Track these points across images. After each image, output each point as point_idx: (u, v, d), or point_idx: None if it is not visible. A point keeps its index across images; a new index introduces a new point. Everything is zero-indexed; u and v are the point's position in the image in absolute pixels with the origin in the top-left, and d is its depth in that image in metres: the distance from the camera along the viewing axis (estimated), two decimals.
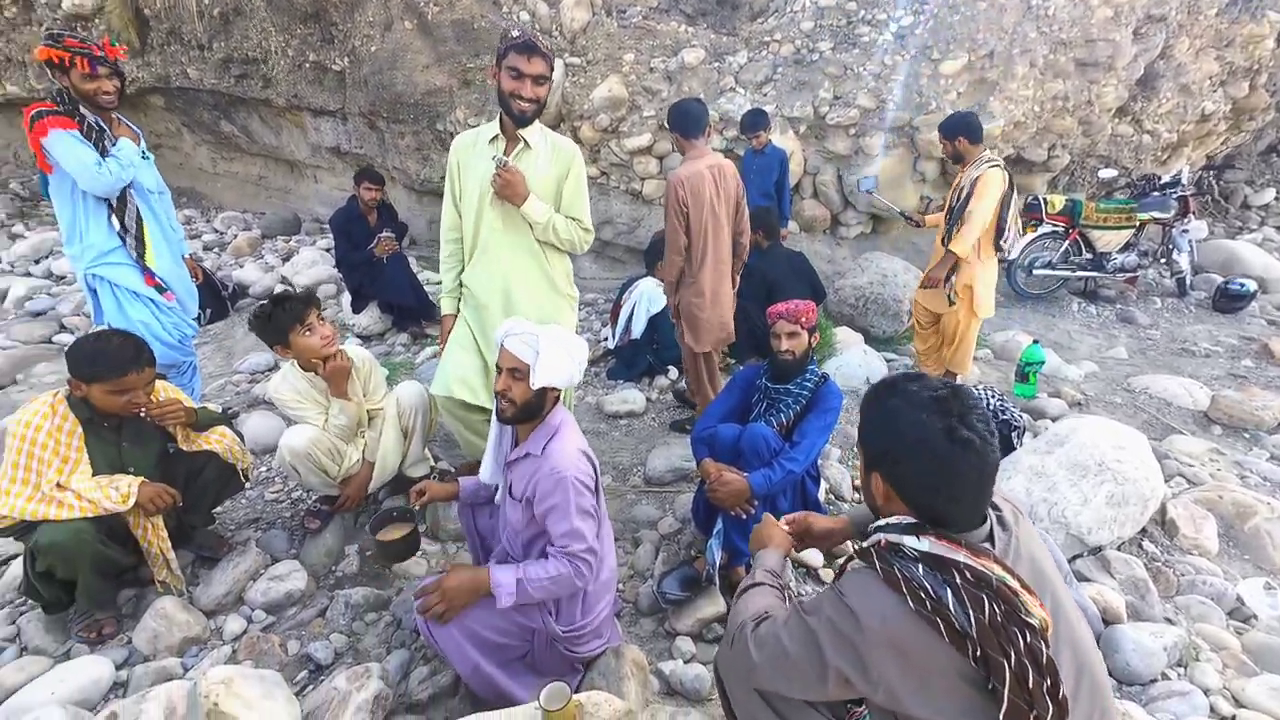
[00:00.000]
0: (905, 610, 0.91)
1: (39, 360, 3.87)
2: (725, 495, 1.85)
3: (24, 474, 1.69)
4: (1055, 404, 3.24)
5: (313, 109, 6.21)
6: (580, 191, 2.13)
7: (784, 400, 2.07)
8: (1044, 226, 4.67)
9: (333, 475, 2.20)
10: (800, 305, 2.03)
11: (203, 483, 2.04)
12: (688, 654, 1.85)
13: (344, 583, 2.15)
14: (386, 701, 1.57)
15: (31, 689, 1.60)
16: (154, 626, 1.83)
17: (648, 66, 4.84)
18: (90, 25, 6.16)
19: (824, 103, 4.64)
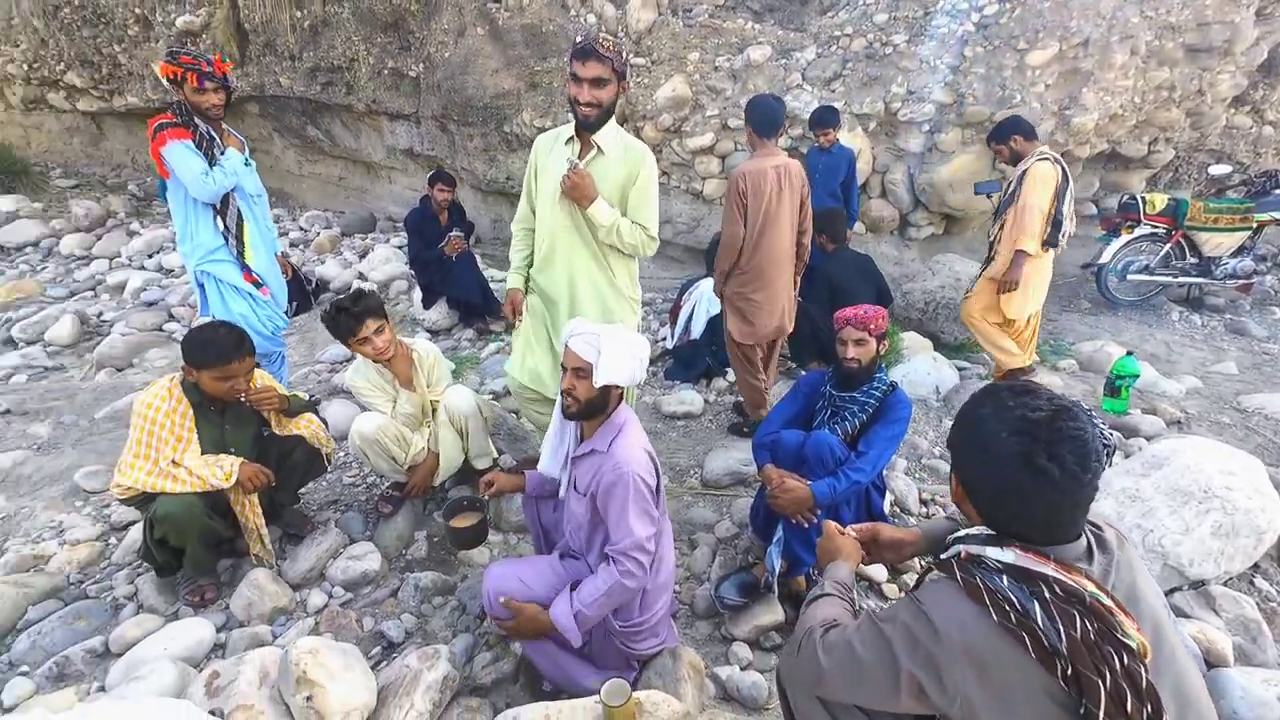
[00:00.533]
0: (987, 622, 0.87)
1: (151, 346, 4.28)
2: (787, 502, 1.82)
3: (145, 450, 1.88)
4: (1151, 422, 2.98)
5: (389, 113, 6.54)
6: (646, 197, 2.11)
7: (849, 408, 2.01)
8: (1142, 228, 4.30)
9: (400, 462, 2.32)
10: (870, 311, 1.97)
11: (291, 464, 2.20)
12: (744, 660, 1.83)
13: (413, 566, 2.27)
14: (453, 683, 1.64)
15: (147, 644, 1.79)
16: (248, 595, 1.99)
17: (712, 65, 4.80)
18: (199, 40, 6.73)
19: (896, 98, 4.46)
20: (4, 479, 2.68)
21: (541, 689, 1.74)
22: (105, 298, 5.13)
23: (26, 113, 8.28)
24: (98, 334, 4.49)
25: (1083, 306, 4.66)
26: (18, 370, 3.98)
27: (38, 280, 5.40)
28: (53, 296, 5.13)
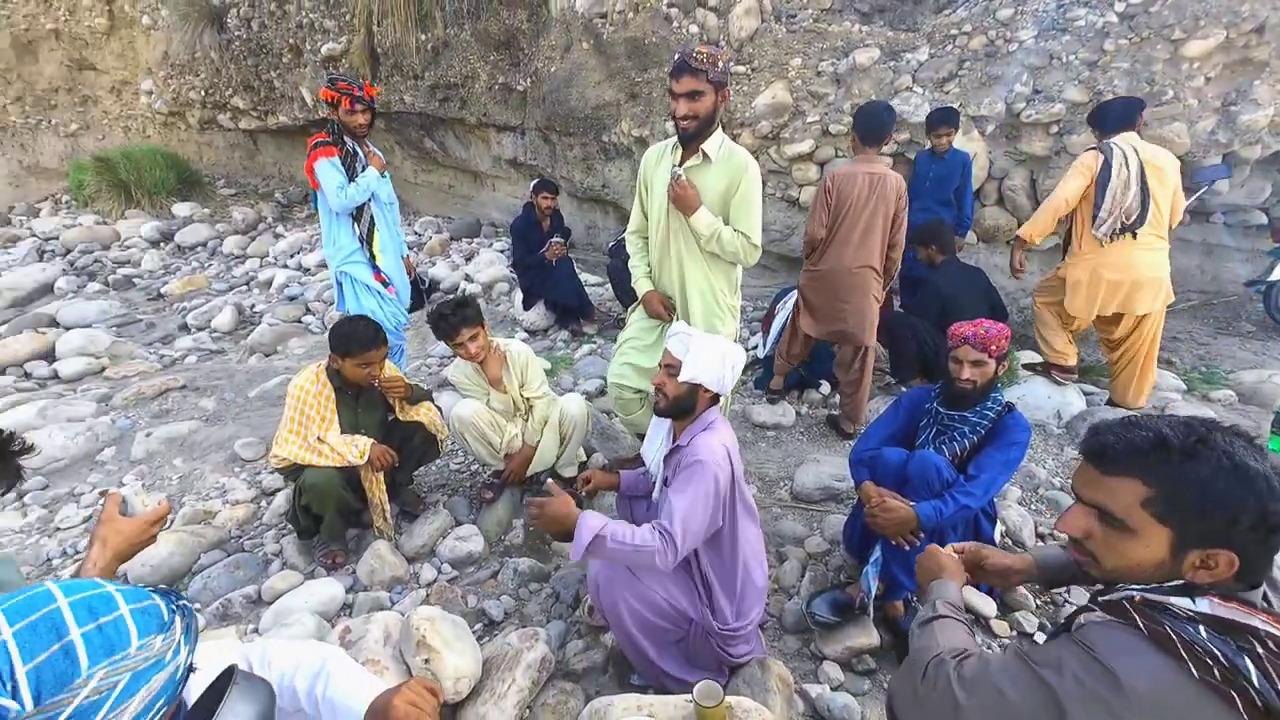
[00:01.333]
0: (1185, 678, 0.78)
1: (292, 336, 4.86)
2: (887, 523, 1.76)
3: (297, 427, 2.15)
4: None
5: (497, 125, 6.98)
6: (747, 206, 2.13)
7: (959, 428, 1.91)
8: None
9: (495, 448, 2.48)
10: (992, 330, 1.84)
11: (411, 448, 2.42)
12: (836, 681, 1.79)
13: (511, 551, 2.42)
14: (549, 665, 1.74)
15: (292, 596, 2.04)
16: (371, 563, 2.22)
17: (815, 70, 4.70)
18: (339, 64, 7.55)
19: (1019, 98, 4.13)
20: (183, 443, 3.16)
21: (630, 681, 1.80)
22: (256, 292, 5.88)
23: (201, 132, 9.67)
24: (251, 323, 5.16)
25: (1245, 330, 4.08)
26: (190, 352, 4.67)
27: (205, 275, 6.29)
28: (216, 289, 5.97)
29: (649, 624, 1.63)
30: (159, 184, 8.12)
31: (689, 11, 4.94)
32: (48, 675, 0.58)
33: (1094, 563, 0.93)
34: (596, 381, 3.63)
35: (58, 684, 0.58)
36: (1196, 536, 0.85)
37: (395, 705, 1.00)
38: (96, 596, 0.64)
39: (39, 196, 9.52)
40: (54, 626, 0.60)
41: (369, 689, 1.05)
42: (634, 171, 5.86)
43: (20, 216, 8.61)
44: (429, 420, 2.43)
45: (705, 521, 1.51)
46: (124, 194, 8.04)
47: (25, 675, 0.57)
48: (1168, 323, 4.29)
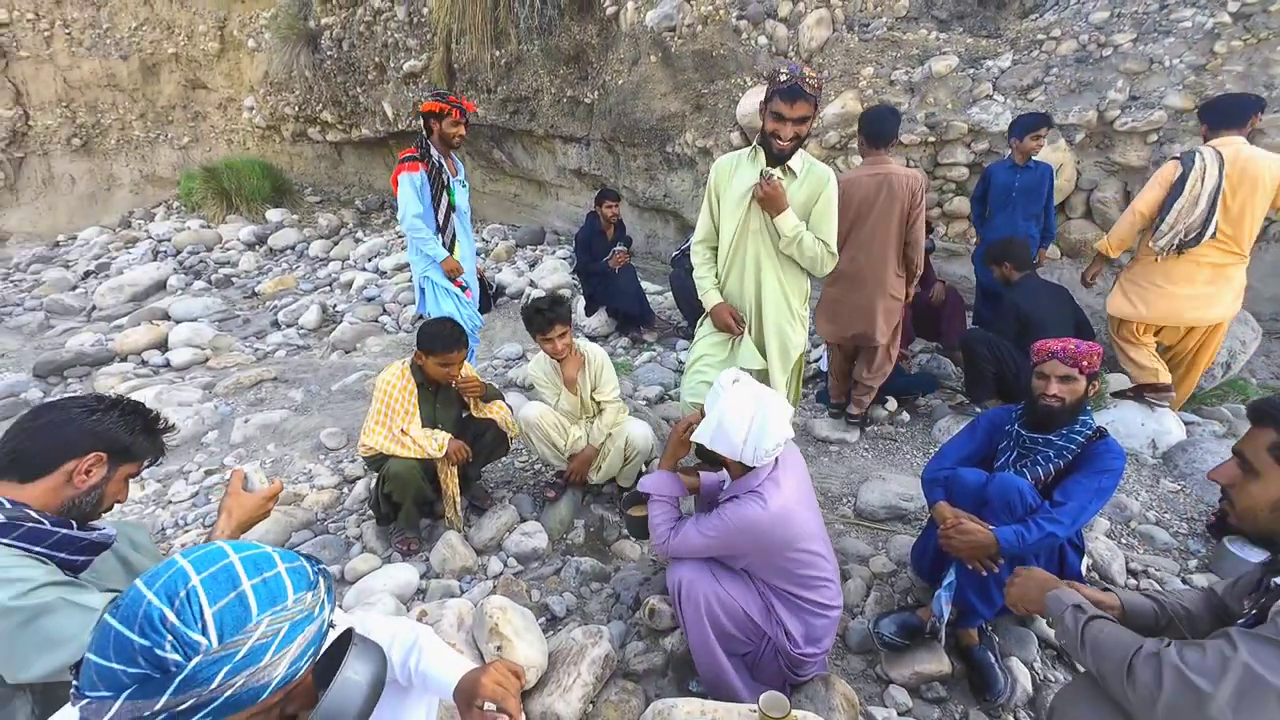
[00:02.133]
0: None
1: (370, 334, 5.17)
2: (963, 545, 1.69)
3: (383, 419, 2.30)
4: None
5: (564, 137, 7.20)
6: (829, 215, 2.22)
7: (1043, 452, 1.81)
8: None
9: (560, 449, 2.54)
10: (1082, 346, 1.76)
11: (483, 444, 2.53)
12: (903, 706, 1.73)
13: (573, 551, 2.48)
14: (612, 663, 1.78)
15: (372, 578, 2.18)
16: (443, 552, 2.33)
17: (887, 79, 4.60)
18: (418, 80, 8.01)
19: (1113, 105, 3.90)
20: (275, 430, 3.43)
21: (688, 687, 1.81)
22: (338, 292, 6.30)
23: (293, 144, 10.47)
24: (333, 321, 5.53)
25: None
26: (279, 347, 5.06)
27: (294, 276, 6.79)
28: (303, 289, 6.43)
29: (724, 630, 1.64)
30: (255, 191, 8.85)
31: (759, 23, 4.95)
32: (229, 618, 0.67)
33: (1230, 505, 1.10)
34: (656, 388, 3.68)
35: (236, 626, 0.67)
36: None
37: (483, 683, 1.06)
38: (260, 555, 0.73)
39: (155, 202, 10.58)
40: (230, 577, 0.69)
41: (458, 666, 1.12)
42: (696, 181, 5.90)
43: (139, 220, 9.59)
44: (500, 418, 2.54)
45: (704, 552, 1.62)
46: (225, 200, 8.81)
47: (212, 616, 0.66)
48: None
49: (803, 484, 1.66)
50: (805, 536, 1.59)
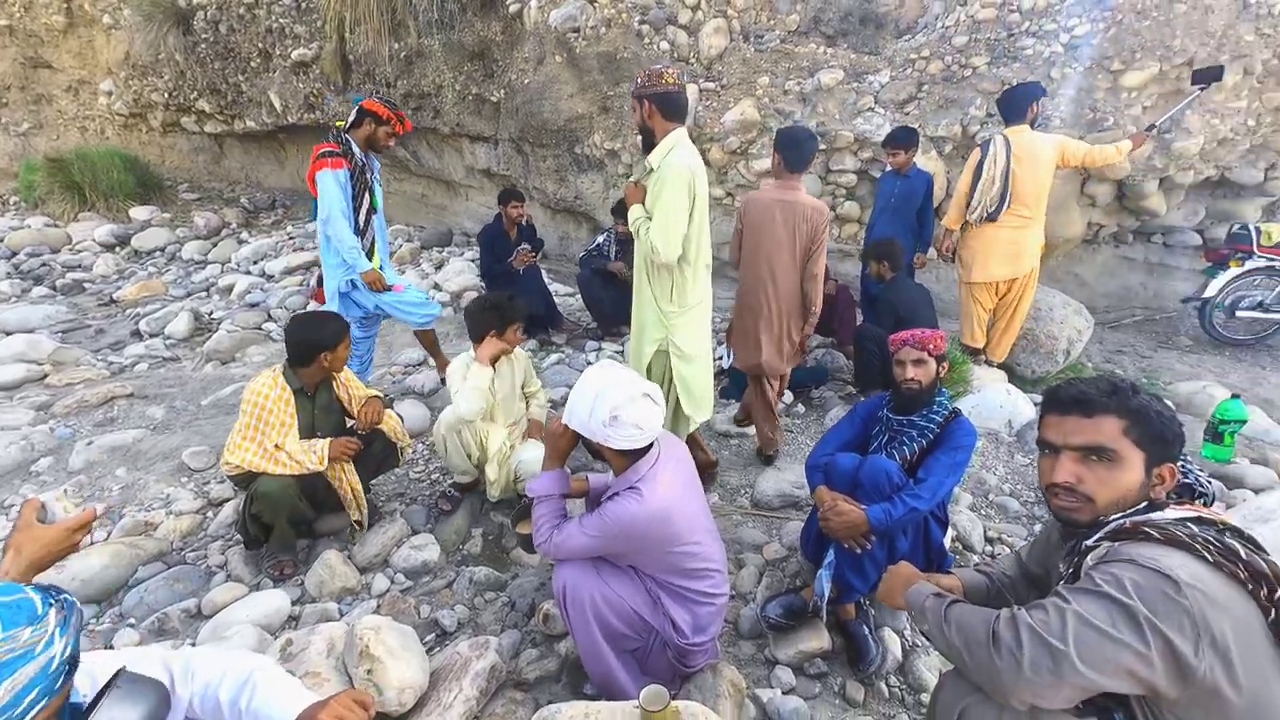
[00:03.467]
0: (1205, 565, 0.91)
1: (252, 343, 4.72)
2: (839, 526, 1.79)
3: (253, 434, 2.09)
4: (1260, 473, 2.69)
5: (471, 135, 6.98)
6: (659, 201, 2.14)
7: (907, 433, 1.96)
8: (1254, 260, 3.92)
9: (473, 461, 2.43)
10: (928, 332, 1.93)
11: (370, 455, 2.37)
12: (787, 685, 1.80)
13: (469, 561, 2.37)
14: (500, 673, 1.71)
15: (234, 609, 1.97)
16: (321, 574, 2.16)
17: (782, 89, 4.84)
18: (309, 71, 7.47)
19: (974, 120, 4.32)
20: (126, 453, 3.03)
21: (583, 691, 1.78)
22: (216, 298, 5.72)
23: (164, 135, 9.42)
24: (208, 330, 5.01)
25: (1182, 344, 4.29)
26: (141, 359, 4.50)
27: (163, 281, 6.09)
28: (174, 295, 5.78)
29: (612, 628, 1.62)
30: (116, 186, 7.85)
31: (660, 29, 5.04)
32: None
33: (1087, 504, 1.07)
34: (563, 389, 3.62)
35: None
36: (1158, 456, 1.06)
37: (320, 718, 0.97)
38: None
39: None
40: None
41: (296, 701, 1.02)
42: (606, 183, 5.91)
43: None
44: (390, 428, 2.39)
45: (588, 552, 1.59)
46: (78, 196, 7.75)
47: None
48: (1112, 336, 4.49)
49: (685, 478, 1.67)
50: (687, 530, 1.59)
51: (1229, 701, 0.87)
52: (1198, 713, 0.90)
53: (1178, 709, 0.92)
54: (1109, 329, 4.56)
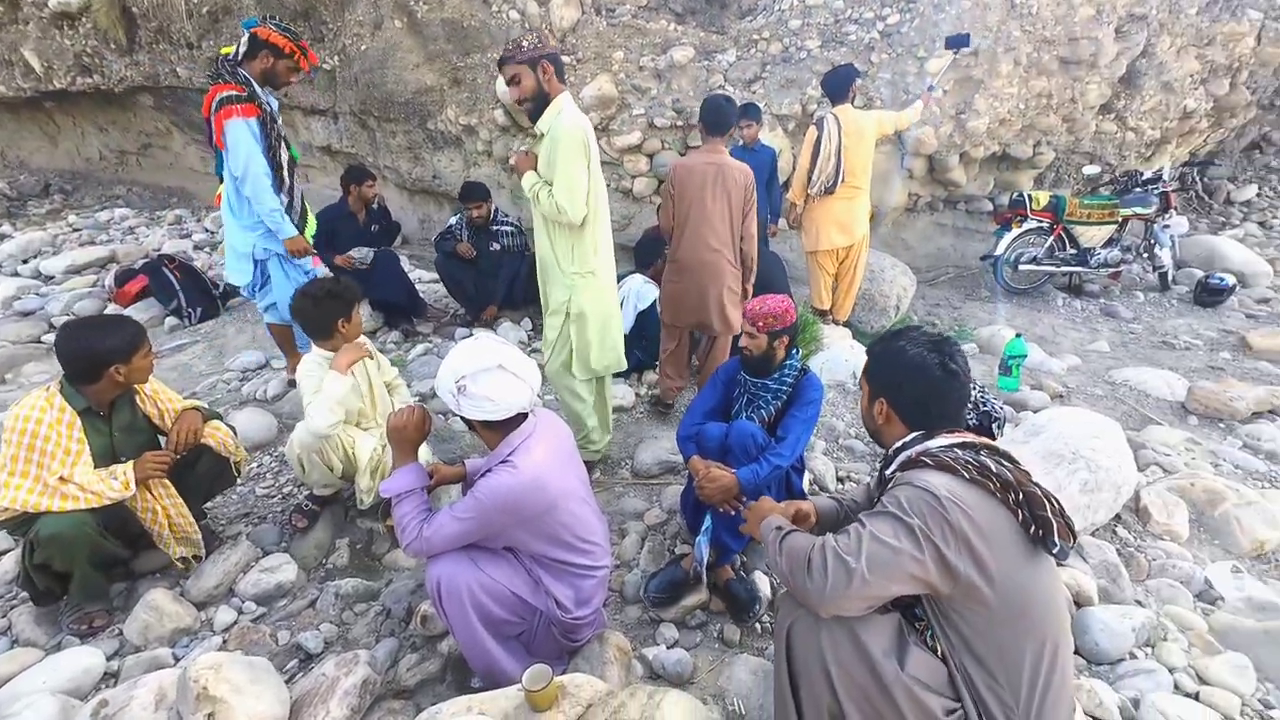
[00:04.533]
0: (962, 481, 1.12)
1: (28, 360, 3.87)
2: (714, 491, 1.87)
3: (24, 466, 1.71)
4: (1037, 396, 3.30)
5: (303, 108, 6.21)
6: (558, 164, 2.12)
7: (764, 396, 2.07)
8: (1029, 222, 4.73)
9: (336, 474, 2.21)
10: (765, 309, 1.97)
11: (195, 476, 2.06)
12: (670, 640, 1.89)
13: (334, 574, 2.18)
14: (374, 687, 1.60)
15: (24, 678, 1.63)
16: (145, 618, 1.86)
17: (637, 65, 4.87)
18: (78, 24, 6.14)
19: (812, 100, 4.68)
20: None
21: (470, 685, 1.73)
22: None
23: None
24: None
25: (983, 295, 5.08)
26: None
27: None
28: None
29: (493, 616, 1.58)
30: None
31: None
32: None
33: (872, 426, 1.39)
34: (431, 382, 3.42)
35: None
36: (872, 389, 1.35)
37: None
38: None
39: None
40: None
41: None
42: (465, 161, 5.59)
43: None
44: (218, 441, 2.08)
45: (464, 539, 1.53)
46: None
47: None
48: (931, 292, 5.20)
49: (561, 447, 1.66)
50: (564, 496, 1.59)
51: (983, 589, 1.08)
52: (965, 601, 1.11)
53: (953, 602, 1.12)
54: (929, 286, 5.27)
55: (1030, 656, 1.10)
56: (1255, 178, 6.93)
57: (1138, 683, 1.69)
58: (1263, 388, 3.29)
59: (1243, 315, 4.62)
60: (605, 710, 1.33)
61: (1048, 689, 1.10)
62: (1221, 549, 2.29)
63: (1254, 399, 3.19)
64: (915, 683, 1.11)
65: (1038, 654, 1.10)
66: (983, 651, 1.11)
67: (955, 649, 1.14)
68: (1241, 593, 2.04)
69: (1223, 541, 2.30)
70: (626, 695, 1.35)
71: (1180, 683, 1.71)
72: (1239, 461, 2.78)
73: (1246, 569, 2.17)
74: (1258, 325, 4.36)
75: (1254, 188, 6.77)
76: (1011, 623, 1.10)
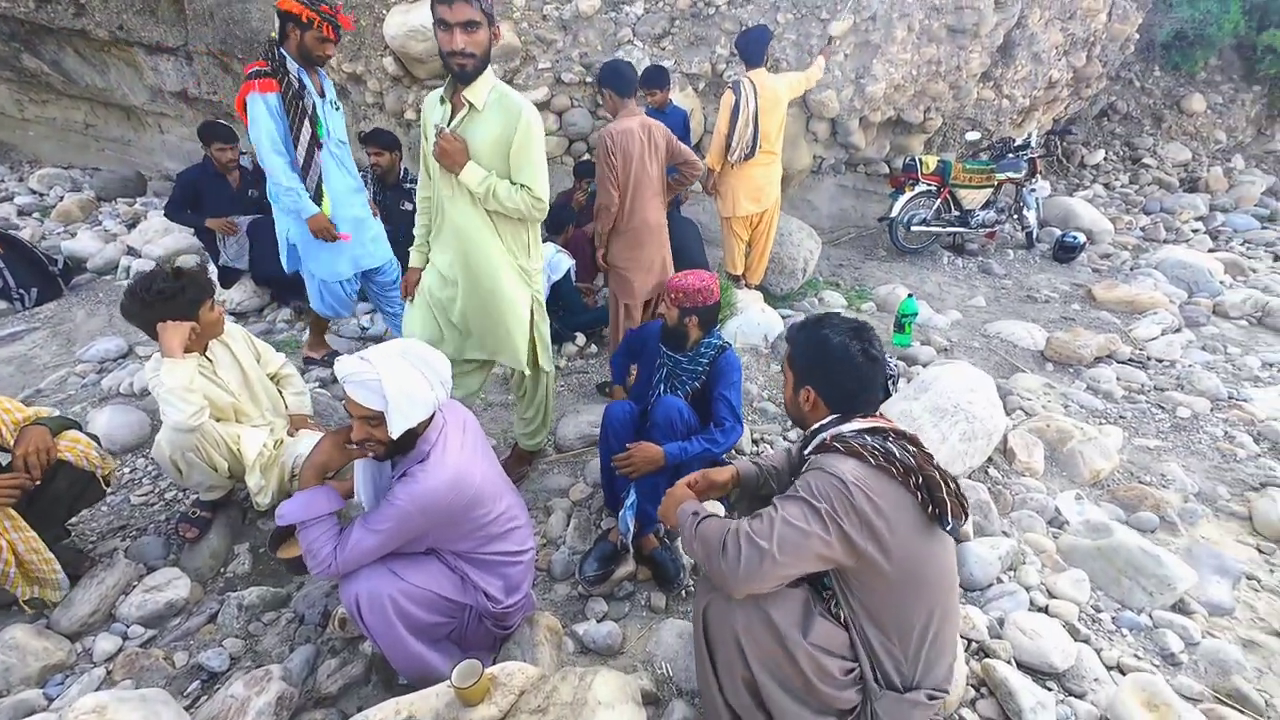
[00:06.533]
0: (868, 467, 1.21)
1: None
2: (641, 462, 1.88)
3: None
4: (926, 351, 3.62)
5: (145, 45, 5.30)
6: (527, 156, 1.91)
7: (685, 373, 2.07)
8: (919, 186, 5.06)
9: (222, 474, 2.00)
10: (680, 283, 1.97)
11: (52, 495, 1.80)
12: (600, 613, 1.95)
13: (235, 584, 2.03)
14: (291, 701, 1.54)
15: None
16: (5, 660, 1.64)
17: (540, 14, 4.56)
18: None
19: (721, 59, 4.64)
20: None
21: (398, 684, 1.70)
22: None
23: None
24: None
25: (880, 255, 5.42)
26: None
27: None
28: None
29: (420, 624, 1.53)
30: None
31: None
32: None
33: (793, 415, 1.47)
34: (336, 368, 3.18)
35: None
36: (797, 377, 1.41)
37: None
38: None
39: None
40: None
41: None
42: (355, 115, 5.06)
43: None
44: (77, 454, 1.82)
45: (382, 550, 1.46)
46: None
47: None
48: (835, 252, 5.47)
49: (473, 438, 1.62)
50: (484, 486, 1.55)
51: (882, 564, 1.20)
52: (866, 574, 1.23)
53: (857, 574, 1.24)
54: (834, 246, 5.54)
55: (921, 618, 1.24)
56: (1103, 143, 7.80)
57: (1003, 604, 1.97)
58: (1103, 336, 3.81)
59: (1090, 270, 5.28)
60: (538, 696, 1.35)
61: (934, 644, 1.27)
62: (1069, 480, 2.67)
63: (1096, 346, 3.70)
64: (817, 650, 1.23)
65: (928, 616, 1.24)
66: (881, 617, 1.25)
67: (857, 615, 1.26)
68: (1082, 516, 2.41)
69: (1069, 473, 2.69)
70: (558, 679, 1.38)
71: (1034, 599, 2.01)
72: (1084, 402, 3.24)
73: (1087, 495, 2.56)
74: (1101, 278, 5.00)
75: (1101, 152, 7.62)
76: (907, 591, 1.23)
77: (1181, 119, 7.81)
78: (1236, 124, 7.84)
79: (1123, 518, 2.44)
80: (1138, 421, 3.11)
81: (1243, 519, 2.49)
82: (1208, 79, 7.92)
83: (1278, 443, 2.91)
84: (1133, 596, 2.05)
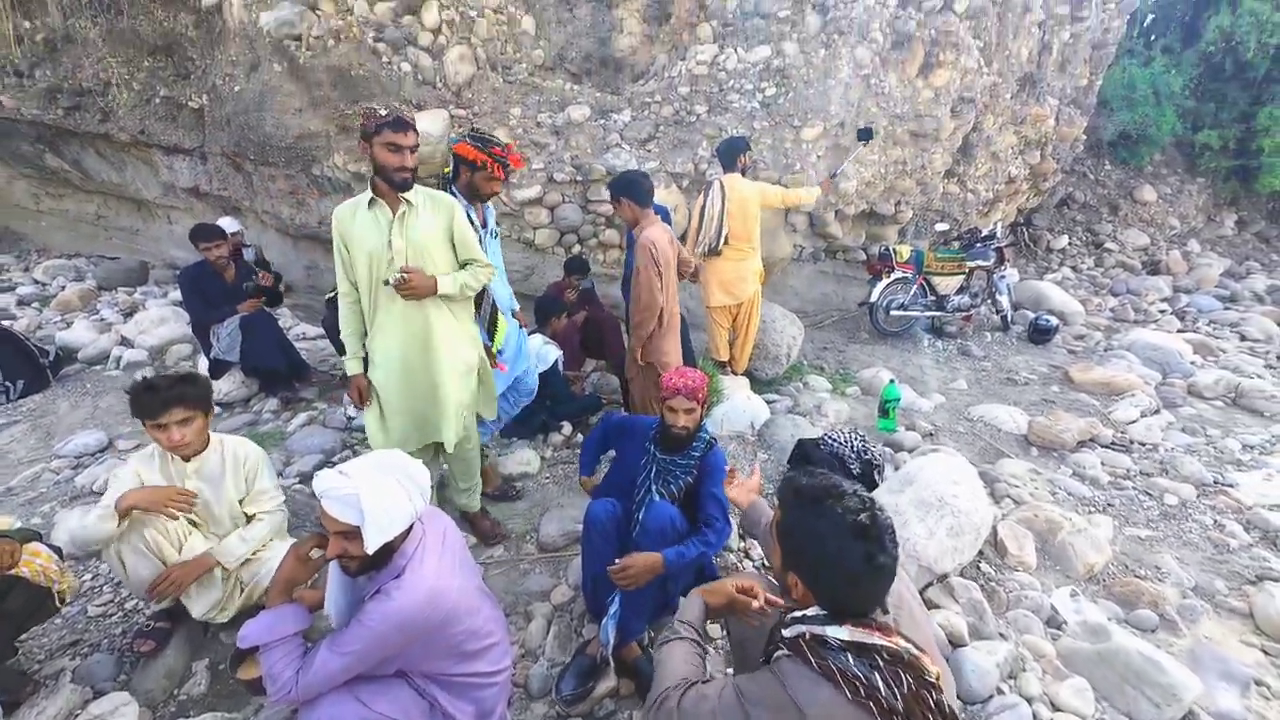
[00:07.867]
0: (843, 700, 1.02)
1: None
2: (640, 572, 1.82)
3: None
4: (911, 437, 3.63)
5: (164, 146, 5.66)
6: (468, 233, 2.25)
7: (675, 471, 2.06)
8: (896, 273, 5.30)
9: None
10: (696, 380, 2.02)
11: (2, 613, 1.72)
12: None
13: (189, 708, 1.89)
14: None
15: None
16: None
17: (534, 121, 4.94)
18: None
19: (703, 160, 4.98)
20: None
21: None
22: None
23: None
24: None
25: (863, 338, 5.57)
26: None
27: None
28: None
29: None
30: None
31: (400, 49, 4.72)
32: None
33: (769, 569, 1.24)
34: (315, 457, 3.14)
35: None
36: (784, 556, 1.21)
37: None
38: None
39: None
40: None
41: None
42: None
43: None
44: (36, 569, 1.76)
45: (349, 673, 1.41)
46: None
47: None
48: (819, 335, 5.62)
49: (451, 549, 1.58)
50: (460, 600, 1.50)
51: None
52: None
53: None
54: (816, 329, 5.70)
55: None
56: (1066, 229, 8.27)
57: (1005, 719, 1.87)
58: (1084, 420, 3.86)
59: (1065, 351, 5.43)
60: None
61: None
62: (1062, 574, 2.62)
63: (1078, 430, 3.74)
64: None
65: None
66: None
67: None
68: (1079, 616, 2.33)
69: (1063, 567, 2.64)
70: None
71: (1038, 713, 1.91)
72: (1071, 489, 3.23)
73: (1082, 591, 2.49)
74: (1076, 360, 5.14)
75: (1065, 237, 8.07)
76: None
77: (1136, 207, 8.35)
78: (1187, 211, 8.38)
79: (1121, 615, 2.37)
80: (1126, 509, 3.09)
81: (1244, 616, 2.42)
82: (1155, 172, 8.56)
83: (1268, 531, 2.88)
84: (1138, 707, 1.96)
